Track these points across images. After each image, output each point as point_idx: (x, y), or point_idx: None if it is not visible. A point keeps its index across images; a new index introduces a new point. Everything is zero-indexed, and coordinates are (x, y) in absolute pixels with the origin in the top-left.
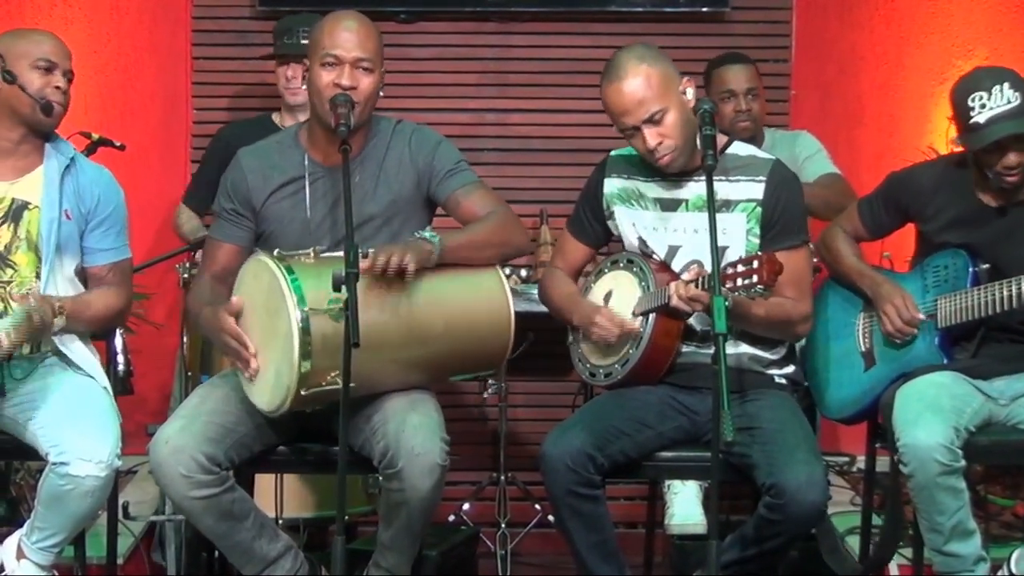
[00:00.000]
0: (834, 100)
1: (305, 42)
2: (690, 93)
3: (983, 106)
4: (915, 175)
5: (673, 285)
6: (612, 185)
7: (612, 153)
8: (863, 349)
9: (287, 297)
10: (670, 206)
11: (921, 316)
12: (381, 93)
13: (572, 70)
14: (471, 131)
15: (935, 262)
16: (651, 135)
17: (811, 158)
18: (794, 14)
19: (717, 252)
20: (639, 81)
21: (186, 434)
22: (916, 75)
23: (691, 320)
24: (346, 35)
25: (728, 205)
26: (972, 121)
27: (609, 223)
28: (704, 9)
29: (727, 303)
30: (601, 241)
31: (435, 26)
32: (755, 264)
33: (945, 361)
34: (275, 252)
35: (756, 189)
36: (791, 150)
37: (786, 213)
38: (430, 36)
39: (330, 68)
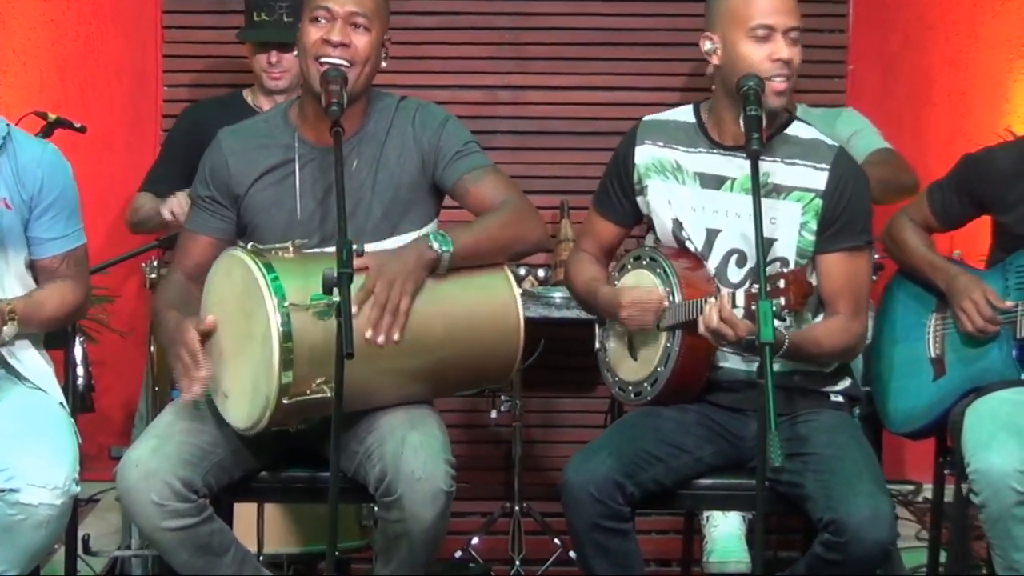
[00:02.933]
0: (898, 76)
1: (289, 20)
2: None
3: None
4: (993, 157)
5: (706, 310)
6: (646, 154)
7: (645, 118)
8: (933, 355)
9: (265, 296)
10: (712, 183)
11: (1008, 304)
12: (384, 63)
13: (598, 41)
14: (483, 111)
15: (1019, 261)
16: (789, 47)
17: (858, 134)
18: None
19: (763, 249)
20: None
21: (159, 456)
22: (992, 47)
23: None
24: None
25: (780, 191)
26: None
27: (640, 199)
28: None
29: (784, 323)
30: (631, 220)
31: None
32: (781, 284)
33: (1023, 376)
34: (250, 246)
35: (817, 178)
36: (832, 128)
37: (850, 209)
38: (437, 2)
39: (320, 24)
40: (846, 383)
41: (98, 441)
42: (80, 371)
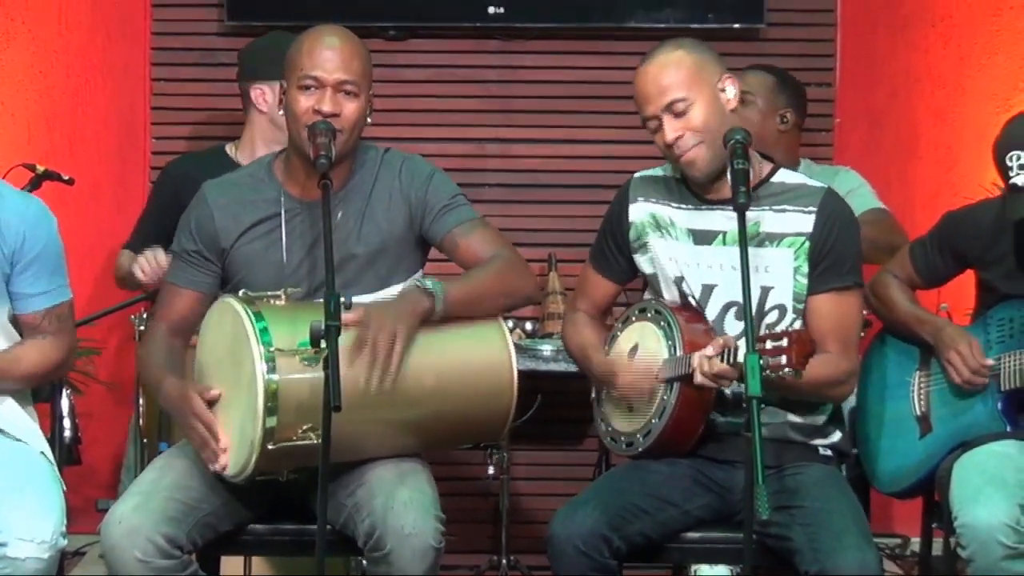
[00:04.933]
0: (884, 130)
1: None
2: (731, 92)
3: (1022, 167)
4: (974, 214)
5: (697, 357)
6: (641, 211)
7: (636, 175)
8: (918, 412)
9: (252, 341)
10: (704, 238)
11: (990, 362)
12: (369, 120)
13: (586, 94)
14: (471, 163)
15: (999, 314)
16: (672, 127)
17: (854, 192)
18: (839, 31)
19: (750, 301)
20: (668, 67)
21: (142, 512)
22: (978, 101)
23: None
24: (328, 54)
25: (773, 239)
26: (1011, 182)
27: (637, 256)
28: (736, 26)
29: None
30: (627, 276)
31: (430, 44)
32: (784, 342)
33: (1009, 429)
34: (241, 293)
35: (805, 221)
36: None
37: (837, 249)
38: (424, 55)
39: (309, 92)
40: (836, 437)
41: (85, 494)
42: (67, 423)
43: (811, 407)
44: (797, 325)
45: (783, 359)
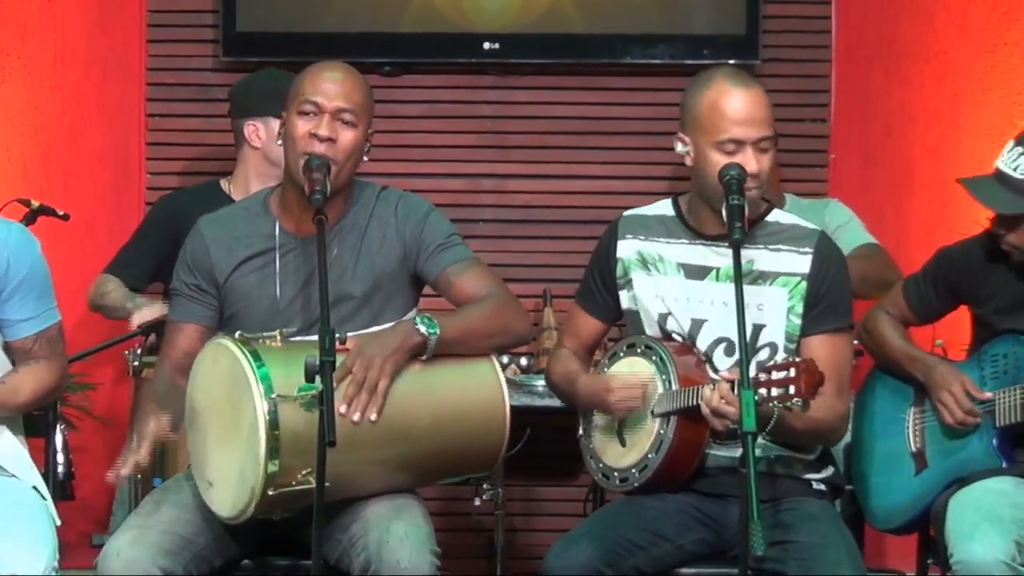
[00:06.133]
0: (879, 166)
1: None
2: None
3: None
4: (968, 250)
5: (707, 392)
6: (628, 248)
7: (624, 213)
8: (913, 449)
9: (253, 386)
10: (696, 273)
11: (987, 395)
12: (366, 158)
13: (581, 130)
14: (465, 199)
15: (994, 350)
16: (757, 160)
17: (844, 227)
18: (834, 68)
19: (744, 336)
20: (763, 102)
21: (139, 546)
22: (973, 137)
23: None
24: (329, 83)
25: (766, 277)
26: (996, 164)
27: (622, 293)
28: (732, 62)
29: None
30: (613, 315)
31: (424, 79)
32: (792, 372)
33: (1004, 465)
34: (237, 334)
35: (801, 262)
36: (819, 219)
37: (833, 291)
38: (419, 91)
39: (308, 117)
40: (829, 471)
41: (78, 528)
42: (60, 458)
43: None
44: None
45: (791, 389)
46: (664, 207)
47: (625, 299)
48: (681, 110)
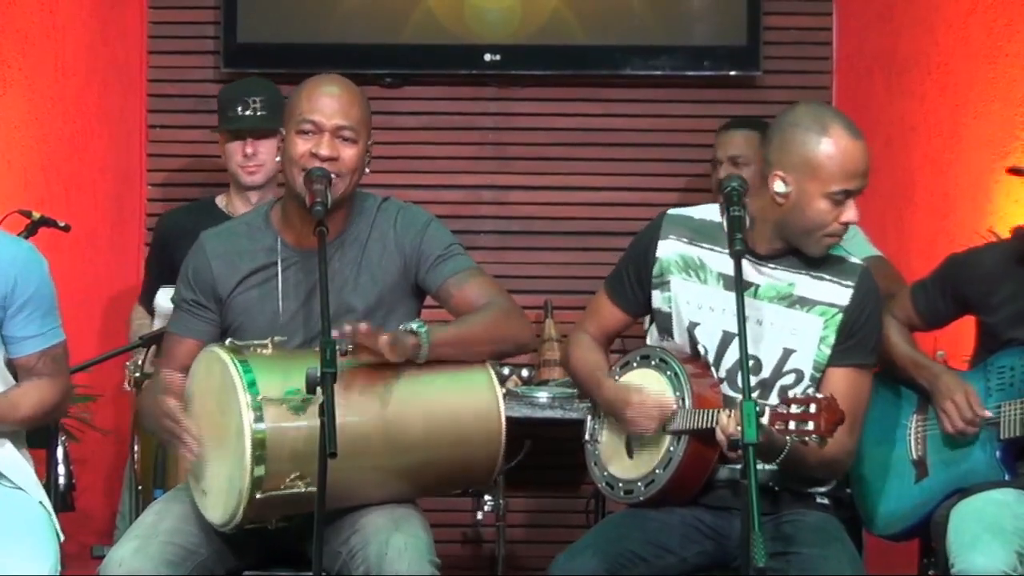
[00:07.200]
0: (880, 177)
1: (263, 113)
2: None
3: None
4: (978, 258)
5: (724, 418)
6: (671, 248)
7: (669, 211)
8: (915, 457)
9: (239, 391)
10: (735, 286)
11: (987, 413)
12: (368, 170)
13: (582, 142)
14: (466, 211)
15: (1000, 362)
16: (854, 211)
17: (848, 240)
18: (834, 79)
19: (746, 354)
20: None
21: (142, 556)
22: (974, 149)
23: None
24: (327, 100)
25: (805, 304)
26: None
27: (655, 292)
28: (732, 73)
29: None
30: (641, 310)
31: (425, 91)
32: (812, 408)
33: (1007, 477)
34: (228, 342)
35: (842, 294)
36: None
37: (867, 328)
38: (419, 103)
39: (307, 136)
40: (832, 484)
41: (79, 540)
42: (61, 470)
43: None
44: (810, 392)
45: (810, 425)
46: (712, 212)
47: (658, 299)
48: (779, 148)
